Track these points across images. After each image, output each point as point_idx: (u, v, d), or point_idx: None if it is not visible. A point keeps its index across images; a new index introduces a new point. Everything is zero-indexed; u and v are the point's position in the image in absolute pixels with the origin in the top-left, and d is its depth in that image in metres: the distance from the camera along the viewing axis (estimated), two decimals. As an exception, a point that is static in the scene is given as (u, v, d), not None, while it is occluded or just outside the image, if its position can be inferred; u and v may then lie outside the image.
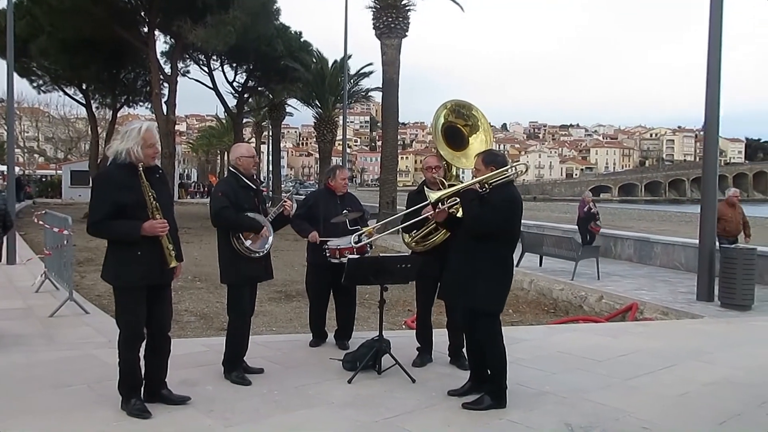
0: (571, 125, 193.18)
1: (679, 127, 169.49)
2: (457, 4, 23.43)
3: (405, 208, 5.24)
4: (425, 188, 4.98)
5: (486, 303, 4.28)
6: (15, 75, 13.16)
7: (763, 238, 19.92)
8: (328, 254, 5.52)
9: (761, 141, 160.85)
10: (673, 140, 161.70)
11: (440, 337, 5.44)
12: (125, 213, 3.87)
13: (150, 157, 3.98)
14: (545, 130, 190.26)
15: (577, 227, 15.32)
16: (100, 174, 4.10)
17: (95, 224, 3.90)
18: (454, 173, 5.27)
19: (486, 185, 4.30)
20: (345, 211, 5.66)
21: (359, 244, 5.40)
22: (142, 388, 4.08)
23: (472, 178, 4.45)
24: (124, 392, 4.01)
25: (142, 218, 3.88)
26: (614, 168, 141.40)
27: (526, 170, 4.63)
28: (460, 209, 4.43)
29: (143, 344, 4.08)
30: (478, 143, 5.09)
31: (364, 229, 5.65)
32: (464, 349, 5.08)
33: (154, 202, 3.92)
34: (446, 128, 5.10)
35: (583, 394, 4.67)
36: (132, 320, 3.95)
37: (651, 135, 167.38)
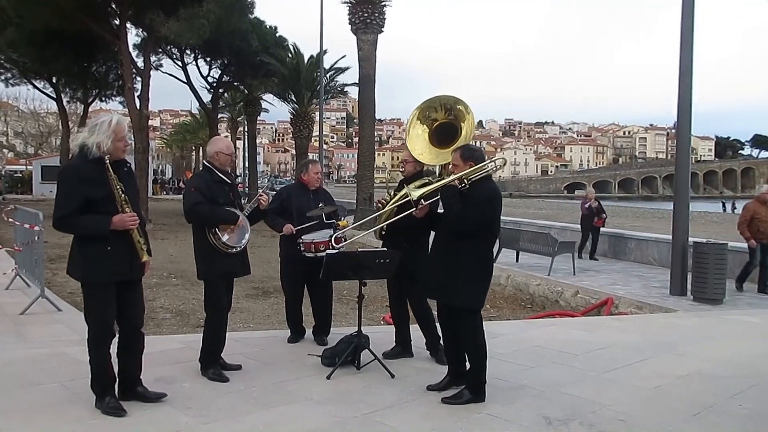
0: (546, 123, 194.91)
1: (651, 125, 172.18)
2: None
3: None
4: (405, 186, 4.93)
5: (468, 300, 4.28)
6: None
7: (734, 234, 20.31)
8: (303, 248, 5.49)
9: (730, 139, 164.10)
10: (645, 138, 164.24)
11: (418, 332, 5.45)
12: (94, 207, 3.77)
13: (121, 151, 3.89)
14: (521, 127, 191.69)
15: (579, 226, 14.49)
16: (66, 167, 3.98)
17: (62, 219, 3.78)
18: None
19: (465, 181, 4.29)
20: (321, 204, 5.63)
21: (335, 237, 5.39)
22: (116, 386, 4.01)
23: (450, 174, 4.44)
24: (97, 391, 3.94)
25: (111, 212, 3.80)
26: (588, 165, 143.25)
27: (505, 164, 4.65)
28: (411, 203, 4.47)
29: (116, 341, 4.00)
30: (466, 126, 4.95)
31: (339, 223, 5.64)
32: (440, 342, 5.11)
33: (123, 195, 3.83)
34: (433, 132, 4.99)
35: (560, 387, 4.71)
36: (101, 318, 3.86)
37: (624, 133, 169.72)
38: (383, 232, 5.12)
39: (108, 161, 3.79)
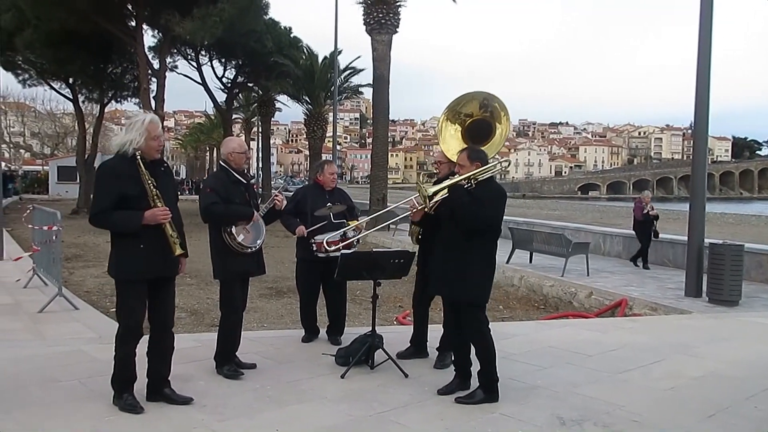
0: (561, 123, 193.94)
1: (667, 125, 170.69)
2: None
3: None
4: (418, 184, 4.98)
5: (478, 295, 4.34)
6: (0, 69, 13.03)
7: (750, 236, 20.15)
8: (314, 248, 5.52)
9: (747, 139, 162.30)
10: (661, 138, 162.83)
11: (432, 333, 5.45)
12: (129, 204, 3.84)
13: (154, 150, 3.94)
14: (535, 128, 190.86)
15: (633, 232, 13.25)
16: (103, 165, 4.07)
17: (97, 215, 3.87)
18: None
19: (472, 181, 4.39)
20: (329, 204, 5.65)
21: (345, 238, 5.40)
22: (145, 386, 4.07)
23: (456, 174, 4.50)
24: (116, 387, 3.99)
25: (146, 209, 3.86)
26: (603, 166, 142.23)
27: (509, 165, 4.72)
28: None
29: (146, 340, 4.05)
30: (501, 128, 4.99)
31: (351, 223, 5.65)
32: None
33: (154, 190, 3.87)
34: (466, 130, 5.03)
35: (574, 388, 4.71)
36: (131, 315, 3.92)
37: (639, 133, 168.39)
38: (419, 237, 5.18)
39: (139, 157, 3.84)
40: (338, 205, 5.72)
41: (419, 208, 4.74)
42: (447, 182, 4.56)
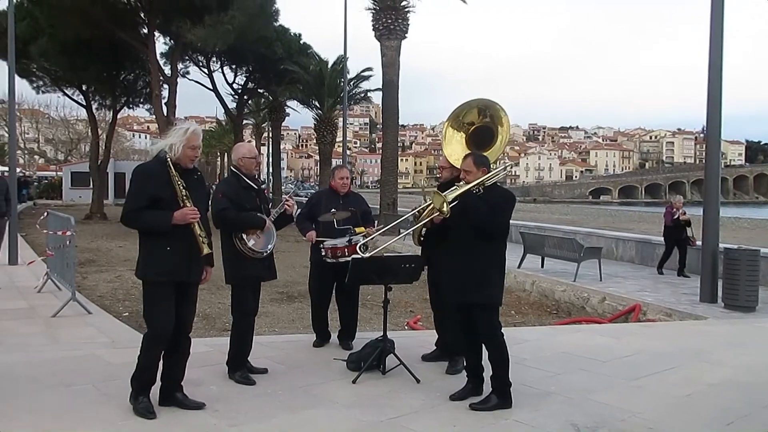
0: (571, 127, 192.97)
1: (678, 129, 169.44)
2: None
3: None
4: (433, 191, 4.96)
5: (490, 297, 4.35)
6: (16, 76, 13.15)
7: (765, 240, 19.94)
8: (323, 253, 5.53)
9: (761, 143, 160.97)
10: (672, 142, 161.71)
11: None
12: (161, 207, 3.90)
13: (188, 159, 4.02)
14: (545, 132, 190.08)
15: (663, 239, 12.63)
16: (138, 167, 4.16)
17: (129, 213, 3.94)
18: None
19: (480, 187, 4.42)
20: (333, 210, 5.65)
21: (352, 244, 5.40)
22: (158, 390, 4.08)
23: (462, 180, 4.51)
24: (135, 386, 4.01)
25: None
26: (614, 170, 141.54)
27: (513, 168, 4.71)
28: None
29: None
30: (503, 131, 5.04)
31: (358, 230, 5.63)
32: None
33: (184, 191, 3.94)
34: (470, 137, 5.07)
35: (588, 394, 4.66)
36: (157, 317, 3.94)
37: (650, 137, 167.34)
38: (422, 238, 5.17)
39: (170, 161, 3.91)
40: (342, 211, 5.70)
41: (434, 215, 4.70)
42: (463, 189, 4.54)
